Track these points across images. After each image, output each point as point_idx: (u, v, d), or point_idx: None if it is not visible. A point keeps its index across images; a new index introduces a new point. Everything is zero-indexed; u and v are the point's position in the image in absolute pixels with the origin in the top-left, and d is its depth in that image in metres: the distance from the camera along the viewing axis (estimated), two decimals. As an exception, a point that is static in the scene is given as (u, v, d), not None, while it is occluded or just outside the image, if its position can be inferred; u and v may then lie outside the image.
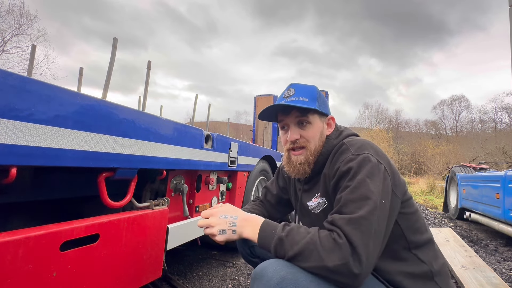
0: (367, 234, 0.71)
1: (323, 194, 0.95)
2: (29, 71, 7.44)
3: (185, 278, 1.94)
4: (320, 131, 0.97)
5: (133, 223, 1.12)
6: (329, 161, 0.94)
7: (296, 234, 0.75)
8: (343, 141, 0.93)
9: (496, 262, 2.79)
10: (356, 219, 0.72)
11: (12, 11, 15.37)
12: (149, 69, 8.61)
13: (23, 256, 0.75)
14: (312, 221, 1.00)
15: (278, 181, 1.25)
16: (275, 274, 0.71)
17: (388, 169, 0.84)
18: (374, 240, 0.72)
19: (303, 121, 0.96)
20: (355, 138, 0.94)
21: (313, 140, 0.96)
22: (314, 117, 0.96)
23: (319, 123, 0.97)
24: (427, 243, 0.89)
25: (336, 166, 0.87)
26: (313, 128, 0.96)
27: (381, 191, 0.77)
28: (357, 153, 0.84)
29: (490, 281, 2.00)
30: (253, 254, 1.10)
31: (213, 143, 1.72)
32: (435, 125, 37.64)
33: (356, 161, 0.82)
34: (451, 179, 5.44)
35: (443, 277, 0.87)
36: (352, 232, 0.70)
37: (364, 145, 0.87)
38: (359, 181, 0.78)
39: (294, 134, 0.96)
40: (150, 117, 1.20)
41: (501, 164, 9.41)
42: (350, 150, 0.87)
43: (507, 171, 3.21)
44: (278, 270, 0.72)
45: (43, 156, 0.81)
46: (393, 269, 0.84)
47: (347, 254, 0.68)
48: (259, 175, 2.67)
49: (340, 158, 0.88)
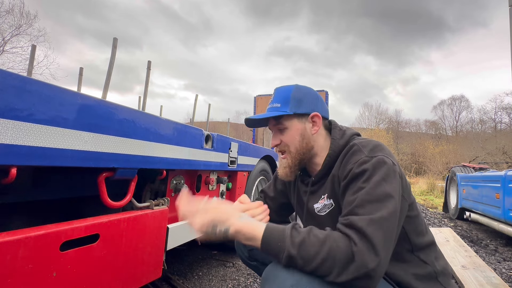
0: (389, 236, 0.68)
1: (331, 196, 0.91)
2: (29, 71, 7.44)
3: (185, 278, 1.94)
4: (300, 132, 0.95)
5: (133, 223, 1.12)
6: (339, 161, 0.90)
7: (310, 247, 0.68)
8: (354, 142, 0.90)
9: (496, 262, 2.79)
10: (378, 220, 0.68)
11: (12, 11, 15.39)
12: (149, 69, 8.61)
13: (23, 256, 0.75)
14: (319, 224, 0.98)
15: (276, 184, 1.22)
16: (289, 276, 0.68)
17: (400, 171, 0.82)
18: (392, 242, 0.70)
19: (280, 127, 0.96)
20: (365, 139, 0.92)
21: (292, 144, 0.95)
22: (290, 121, 0.94)
23: (297, 125, 0.95)
24: (429, 244, 0.89)
25: (348, 167, 0.84)
26: (290, 132, 0.95)
27: (398, 193, 0.75)
28: (371, 155, 0.81)
29: (490, 281, 2.00)
30: (251, 257, 1.09)
31: (213, 143, 1.72)
32: (435, 125, 37.66)
33: (371, 163, 0.78)
34: (451, 179, 5.44)
35: (446, 277, 0.87)
36: (374, 233, 0.66)
37: (377, 146, 0.85)
38: (376, 183, 0.74)
39: (274, 140, 0.98)
40: (150, 117, 1.20)
41: (501, 164, 9.41)
42: (363, 152, 0.84)
43: (507, 171, 3.21)
44: (293, 271, 0.69)
45: (43, 156, 0.81)
46: (400, 270, 0.84)
47: (367, 258, 0.64)
48: (259, 175, 2.67)
49: (352, 159, 0.85)
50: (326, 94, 6.28)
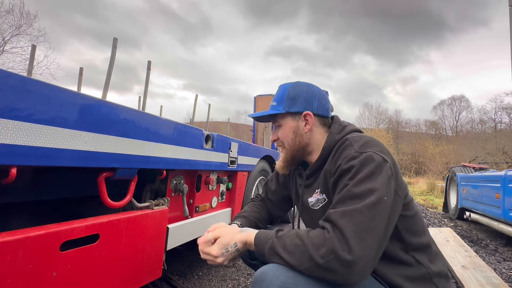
0: (361, 227, 0.69)
1: (323, 191, 0.94)
2: (29, 71, 7.44)
3: (185, 278, 1.94)
4: (293, 130, 0.99)
5: (133, 223, 1.12)
6: (331, 156, 0.92)
7: (287, 238, 0.76)
8: (347, 137, 0.91)
9: (496, 262, 2.79)
10: (350, 211, 0.71)
11: (12, 11, 15.38)
12: (149, 69, 8.62)
13: (23, 256, 0.75)
14: (312, 218, 1.00)
15: (278, 177, 1.26)
16: (275, 279, 0.71)
17: (393, 167, 0.82)
18: (372, 235, 0.70)
19: (277, 124, 1.04)
20: (359, 134, 0.92)
21: (285, 140, 1.01)
22: (284, 119, 1.01)
23: (290, 122, 1.00)
24: (425, 245, 0.88)
25: (338, 162, 0.85)
26: (284, 129, 1.01)
27: (384, 189, 0.75)
28: (360, 151, 0.81)
29: (490, 281, 2.00)
30: (252, 256, 1.09)
31: (213, 143, 1.72)
32: (435, 125, 37.61)
33: (359, 160, 0.79)
34: (451, 179, 5.44)
35: (442, 279, 0.86)
36: (345, 224, 0.69)
37: (369, 142, 0.85)
38: (359, 180, 0.76)
39: (273, 135, 1.07)
40: (150, 117, 1.20)
41: (501, 164, 9.43)
42: (353, 147, 0.84)
43: (507, 171, 3.21)
44: (278, 275, 0.71)
45: (43, 156, 0.81)
46: (391, 271, 0.83)
47: (336, 244, 0.67)
48: (259, 175, 2.68)
49: (342, 154, 0.86)
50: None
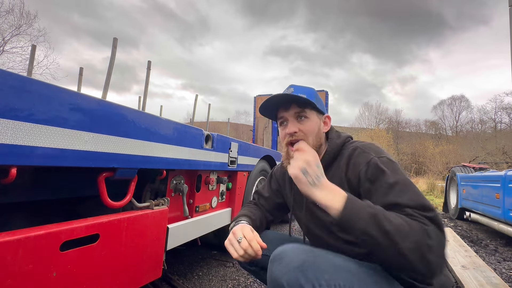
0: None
1: None
2: (29, 71, 7.44)
3: (185, 278, 1.94)
4: (318, 126, 0.99)
5: (133, 223, 1.12)
6: (344, 163, 0.93)
7: (389, 214, 0.72)
8: (356, 145, 0.95)
9: (496, 262, 2.79)
10: (416, 197, 0.75)
11: (12, 11, 15.37)
12: (149, 69, 8.61)
13: (23, 256, 0.75)
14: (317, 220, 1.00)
15: (271, 184, 1.24)
16: (295, 257, 0.71)
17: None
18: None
19: (302, 115, 0.97)
20: (362, 142, 0.97)
21: (310, 135, 0.96)
22: (312, 113, 0.98)
23: (316, 119, 0.99)
24: None
25: (360, 168, 0.88)
26: (310, 123, 0.97)
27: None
28: (378, 156, 0.87)
29: (490, 281, 2.00)
30: (251, 263, 1.09)
31: (213, 143, 1.72)
32: (435, 125, 37.66)
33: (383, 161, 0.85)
34: (451, 179, 5.44)
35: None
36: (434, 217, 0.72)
37: (379, 148, 0.92)
38: (393, 171, 0.82)
39: (293, 127, 0.97)
40: (150, 117, 1.20)
41: (501, 164, 9.41)
42: (369, 153, 0.89)
43: (507, 171, 3.21)
44: (299, 253, 0.72)
45: (43, 156, 0.81)
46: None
47: (443, 241, 0.70)
48: (259, 175, 2.67)
49: (360, 160, 0.89)
50: (326, 94, 6.26)
